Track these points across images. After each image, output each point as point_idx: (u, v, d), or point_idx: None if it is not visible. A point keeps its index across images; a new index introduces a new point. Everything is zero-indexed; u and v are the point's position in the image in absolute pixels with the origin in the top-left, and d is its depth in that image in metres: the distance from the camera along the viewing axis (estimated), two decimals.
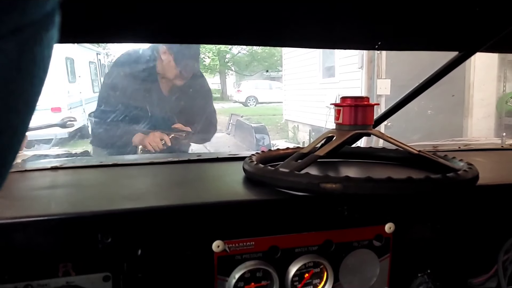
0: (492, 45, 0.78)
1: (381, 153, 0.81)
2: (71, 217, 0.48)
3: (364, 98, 0.69)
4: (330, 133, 0.71)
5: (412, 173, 0.56)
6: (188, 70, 2.05)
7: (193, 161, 0.85)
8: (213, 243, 0.51)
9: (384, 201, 0.58)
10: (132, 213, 0.50)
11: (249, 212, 0.53)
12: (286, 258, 0.55)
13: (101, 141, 1.97)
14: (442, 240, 0.62)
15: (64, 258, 0.47)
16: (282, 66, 9.63)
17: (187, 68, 2.04)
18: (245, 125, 4.49)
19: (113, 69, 2.13)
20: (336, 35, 0.78)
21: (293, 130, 8.46)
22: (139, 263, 0.49)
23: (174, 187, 0.63)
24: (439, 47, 0.85)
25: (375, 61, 4.69)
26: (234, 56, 16.56)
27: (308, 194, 0.55)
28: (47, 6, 0.17)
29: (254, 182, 0.62)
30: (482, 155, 0.97)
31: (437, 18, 0.67)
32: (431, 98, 4.05)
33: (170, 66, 2.01)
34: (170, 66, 2.01)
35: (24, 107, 0.19)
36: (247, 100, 14.31)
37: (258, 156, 0.70)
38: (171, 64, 2.01)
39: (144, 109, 1.98)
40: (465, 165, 0.63)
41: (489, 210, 0.63)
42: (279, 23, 0.67)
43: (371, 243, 0.58)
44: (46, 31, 0.18)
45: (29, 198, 0.57)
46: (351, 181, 0.52)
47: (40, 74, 0.19)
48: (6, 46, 0.16)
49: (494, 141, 1.87)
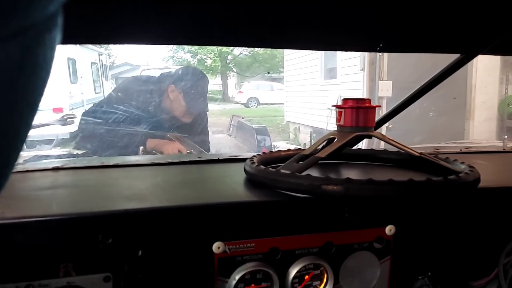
0: (493, 47, 0.78)
1: (382, 155, 0.81)
2: (72, 217, 0.48)
3: (365, 100, 0.69)
4: (331, 134, 0.71)
5: (413, 175, 0.56)
6: (197, 108, 2.05)
7: (194, 162, 0.85)
8: (213, 244, 0.51)
9: (385, 203, 0.58)
10: (133, 214, 0.50)
11: (250, 214, 0.53)
12: (286, 259, 0.55)
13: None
14: (442, 242, 0.62)
15: (65, 258, 0.47)
16: (284, 68, 9.64)
17: (196, 106, 2.03)
18: (247, 126, 4.49)
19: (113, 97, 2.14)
20: (338, 37, 0.78)
21: (294, 132, 8.46)
22: (140, 263, 0.49)
23: (175, 188, 0.63)
24: (441, 50, 0.85)
25: (376, 63, 4.69)
26: (236, 57, 16.58)
27: (309, 196, 0.55)
28: (50, 8, 0.17)
29: (255, 183, 0.62)
30: (484, 157, 0.96)
31: (439, 20, 0.67)
32: (433, 100, 4.05)
33: (178, 104, 2.01)
34: (178, 104, 2.01)
35: (27, 108, 0.19)
36: (248, 101, 14.31)
37: (259, 158, 0.71)
38: (180, 102, 2.01)
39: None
40: (466, 167, 0.63)
41: (490, 213, 0.63)
42: (281, 26, 0.67)
43: (372, 245, 0.58)
44: (49, 33, 0.18)
45: (30, 198, 0.57)
46: (352, 183, 0.52)
47: (42, 75, 0.19)
48: (8, 48, 0.16)
49: (495, 144, 1.86)
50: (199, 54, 16.37)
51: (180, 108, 2.01)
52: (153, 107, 2.01)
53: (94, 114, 1.98)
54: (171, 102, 2.00)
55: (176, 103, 2.00)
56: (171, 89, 1.99)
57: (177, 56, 16.51)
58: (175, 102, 1.99)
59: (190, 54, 16.34)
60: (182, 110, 2.01)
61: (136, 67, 12.18)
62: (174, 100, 1.99)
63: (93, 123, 1.92)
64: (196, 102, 2.04)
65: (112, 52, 12.86)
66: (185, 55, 16.53)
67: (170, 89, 1.99)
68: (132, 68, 13.87)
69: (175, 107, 2.01)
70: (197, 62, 16.67)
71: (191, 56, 16.58)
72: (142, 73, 8.73)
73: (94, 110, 2.05)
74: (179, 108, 2.00)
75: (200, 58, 16.75)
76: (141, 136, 1.94)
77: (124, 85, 2.30)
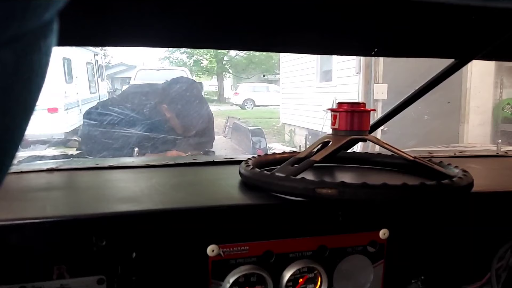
0: (487, 53, 0.79)
1: (376, 158, 0.82)
2: (66, 219, 0.48)
3: (360, 104, 0.70)
4: (326, 138, 0.71)
5: (407, 179, 0.57)
6: (198, 122, 2.04)
7: (189, 164, 0.85)
8: (208, 247, 0.51)
9: (379, 207, 0.58)
10: (127, 216, 0.50)
11: (244, 217, 0.53)
12: (280, 263, 0.55)
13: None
14: (436, 246, 0.62)
15: (58, 260, 0.46)
16: (280, 70, 9.65)
17: (194, 121, 2.03)
18: (242, 128, 4.49)
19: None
20: (333, 42, 0.78)
21: (289, 134, 8.46)
22: (134, 266, 0.49)
23: (170, 191, 0.63)
24: (435, 55, 0.85)
25: (372, 66, 4.71)
26: (232, 58, 16.59)
27: (303, 199, 0.55)
28: (46, 16, 0.17)
29: (250, 186, 0.63)
30: (478, 161, 0.97)
31: (433, 26, 0.68)
32: (428, 104, 4.07)
33: (175, 123, 2.00)
34: (175, 123, 2.00)
35: (22, 112, 0.19)
36: (244, 103, 14.31)
37: (254, 160, 0.71)
38: (176, 121, 2.00)
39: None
40: (460, 172, 0.63)
41: (483, 217, 0.63)
42: (278, 30, 0.67)
43: (365, 249, 0.58)
44: (44, 39, 0.18)
45: (24, 200, 0.57)
46: (346, 186, 0.52)
47: (37, 80, 0.19)
48: (3, 54, 0.16)
49: (489, 148, 1.88)
50: (195, 55, 16.37)
51: (179, 126, 2.01)
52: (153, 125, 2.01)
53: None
54: (169, 121, 2.01)
55: (174, 121, 2.00)
56: (164, 108, 1.99)
57: (173, 56, 16.51)
58: (172, 121, 2.00)
59: (186, 55, 16.34)
60: (183, 126, 2.02)
61: (132, 67, 12.14)
62: (171, 119, 2.00)
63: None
64: (196, 115, 2.04)
65: (108, 52, 12.80)
66: (181, 56, 16.52)
67: (164, 108, 1.99)
68: (128, 68, 13.82)
69: (174, 125, 2.02)
70: (193, 63, 16.66)
71: (187, 57, 16.58)
72: (138, 73, 8.70)
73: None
74: (178, 126, 2.01)
75: (196, 59, 16.74)
76: (163, 145, 1.94)
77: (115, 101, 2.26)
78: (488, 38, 0.75)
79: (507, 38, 0.71)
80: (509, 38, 0.71)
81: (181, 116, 2.01)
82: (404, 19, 0.63)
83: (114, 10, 0.53)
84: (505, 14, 0.60)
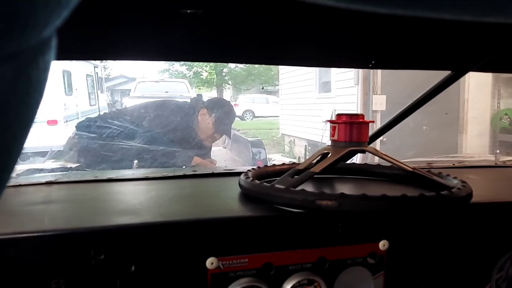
0: (483, 65, 0.80)
1: (376, 169, 0.82)
2: (64, 233, 0.48)
3: (359, 116, 0.70)
4: (325, 149, 0.71)
5: (406, 190, 0.57)
6: (221, 134, 2.11)
7: (189, 176, 0.85)
8: (207, 260, 0.51)
9: (379, 218, 0.58)
10: (126, 229, 0.50)
11: (244, 229, 0.53)
12: (280, 275, 0.54)
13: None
14: (436, 257, 0.62)
15: (56, 274, 0.46)
16: (279, 81, 9.70)
17: (220, 131, 2.10)
18: (242, 139, 4.49)
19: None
20: (331, 55, 0.79)
21: (289, 145, 8.47)
22: (133, 279, 0.49)
23: (169, 203, 0.63)
24: (432, 67, 0.86)
25: (370, 78, 4.74)
26: (231, 70, 16.68)
27: (303, 211, 0.55)
28: (45, 33, 0.17)
29: (249, 198, 0.62)
30: (476, 172, 0.97)
31: (429, 38, 0.69)
32: (426, 115, 4.09)
33: (206, 128, 2.07)
34: (206, 128, 2.07)
35: (20, 128, 0.19)
36: (244, 114, 14.35)
37: (254, 172, 0.71)
38: (208, 125, 2.07)
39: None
40: (459, 182, 0.63)
41: (482, 228, 0.63)
42: (277, 44, 0.68)
43: (365, 260, 0.58)
44: (42, 56, 0.18)
45: (22, 213, 0.57)
46: (346, 198, 0.52)
47: (36, 96, 0.19)
48: (2, 71, 0.16)
49: (488, 158, 1.88)
50: (195, 67, 16.46)
51: (207, 132, 2.10)
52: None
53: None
54: (198, 124, 2.09)
55: (204, 125, 2.10)
56: (202, 112, 2.06)
57: (172, 68, 16.60)
58: (202, 125, 2.08)
59: (186, 67, 16.42)
60: (208, 134, 2.09)
61: (132, 79, 12.20)
62: (203, 123, 2.08)
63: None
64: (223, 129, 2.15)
65: (108, 64, 12.87)
66: (180, 68, 16.61)
67: (201, 112, 2.06)
68: (128, 81, 13.88)
69: (202, 130, 2.10)
70: (193, 75, 16.74)
71: (186, 69, 16.67)
72: (138, 85, 8.74)
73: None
74: (206, 131, 2.10)
75: (196, 71, 16.83)
76: (189, 151, 2.01)
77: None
78: (484, 50, 0.76)
79: (502, 50, 0.72)
80: (504, 51, 0.72)
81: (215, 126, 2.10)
82: (400, 32, 0.64)
83: (114, 25, 0.54)
84: (499, 28, 0.61)
